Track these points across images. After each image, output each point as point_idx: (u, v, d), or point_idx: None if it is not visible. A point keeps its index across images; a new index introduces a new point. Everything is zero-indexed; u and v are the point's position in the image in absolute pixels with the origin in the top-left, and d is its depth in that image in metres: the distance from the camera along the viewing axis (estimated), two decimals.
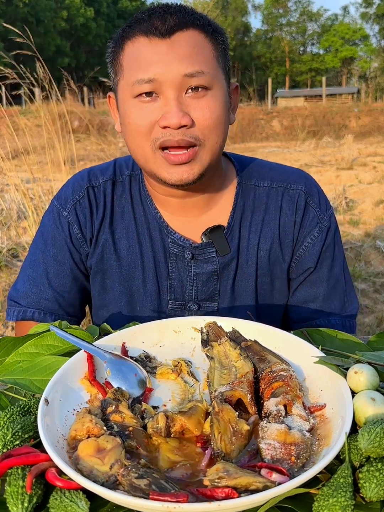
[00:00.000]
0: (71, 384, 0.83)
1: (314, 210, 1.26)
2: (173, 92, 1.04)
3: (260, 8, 60.60)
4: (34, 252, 1.30)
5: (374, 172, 9.24)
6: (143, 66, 1.04)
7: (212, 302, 1.26)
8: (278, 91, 40.77)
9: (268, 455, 0.66)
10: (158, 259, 1.24)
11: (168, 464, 0.68)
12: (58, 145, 4.07)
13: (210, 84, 1.06)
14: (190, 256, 1.22)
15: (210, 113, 1.06)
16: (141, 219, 1.25)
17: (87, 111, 14.58)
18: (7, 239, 5.20)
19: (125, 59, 1.08)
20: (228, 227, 1.23)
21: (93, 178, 1.28)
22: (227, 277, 1.25)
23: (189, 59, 1.03)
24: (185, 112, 1.04)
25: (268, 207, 1.25)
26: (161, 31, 1.03)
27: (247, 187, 1.26)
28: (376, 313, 3.82)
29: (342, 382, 0.76)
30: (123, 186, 1.27)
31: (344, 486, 0.60)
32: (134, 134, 1.09)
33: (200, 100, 1.05)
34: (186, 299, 1.25)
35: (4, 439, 0.70)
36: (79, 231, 1.25)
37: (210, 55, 1.07)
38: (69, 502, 0.60)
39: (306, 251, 1.27)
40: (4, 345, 1.01)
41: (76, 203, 1.26)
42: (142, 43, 1.05)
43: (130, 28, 1.08)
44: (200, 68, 1.04)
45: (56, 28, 40.71)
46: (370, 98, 22.23)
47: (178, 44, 1.03)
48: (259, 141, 15.97)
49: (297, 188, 1.26)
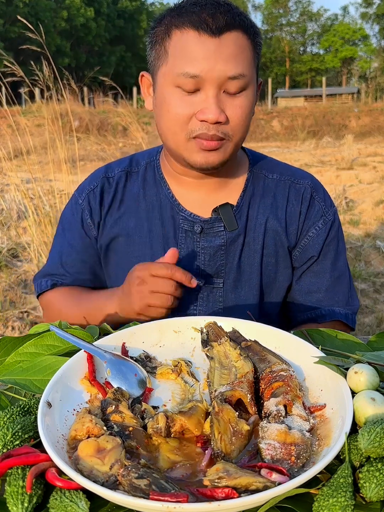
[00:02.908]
0: (71, 384, 0.83)
1: (319, 204, 1.33)
2: (213, 89, 1.10)
3: (260, 8, 60.65)
4: (54, 238, 1.45)
5: (374, 172, 9.24)
6: (190, 60, 1.09)
7: (218, 278, 1.30)
8: (278, 91, 40.80)
9: (268, 455, 0.66)
10: (167, 235, 1.30)
11: (168, 464, 0.68)
12: (60, 144, 4.07)
13: (247, 85, 1.14)
14: (200, 229, 1.28)
15: (242, 111, 1.14)
16: (152, 199, 1.33)
17: (87, 111, 14.59)
18: (7, 239, 5.20)
19: (171, 46, 1.12)
20: (238, 206, 1.30)
21: (109, 170, 1.38)
22: (233, 253, 1.29)
23: (233, 61, 1.09)
24: (222, 109, 1.11)
25: (276, 195, 1.32)
26: (212, 29, 1.07)
27: (258, 175, 1.34)
28: (376, 313, 3.82)
29: (342, 382, 0.76)
30: (137, 174, 1.36)
31: (344, 486, 0.60)
32: (172, 121, 1.16)
33: (235, 99, 1.13)
34: (193, 275, 1.28)
35: (4, 439, 0.70)
36: (89, 217, 1.35)
37: (250, 57, 1.14)
38: (69, 502, 0.60)
39: (310, 241, 1.32)
40: (4, 345, 1.01)
41: (90, 192, 1.36)
42: (192, 36, 1.09)
43: (180, 17, 1.11)
44: (242, 71, 1.10)
45: (56, 28, 40.70)
46: (370, 98, 22.23)
47: (226, 45, 1.08)
48: (259, 141, 15.96)
49: (303, 183, 1.33)
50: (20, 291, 4.21)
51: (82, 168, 4.69)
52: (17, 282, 4.38)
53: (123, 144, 12.12)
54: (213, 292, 1.30)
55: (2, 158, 4.23)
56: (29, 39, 3.81)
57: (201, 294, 1.30)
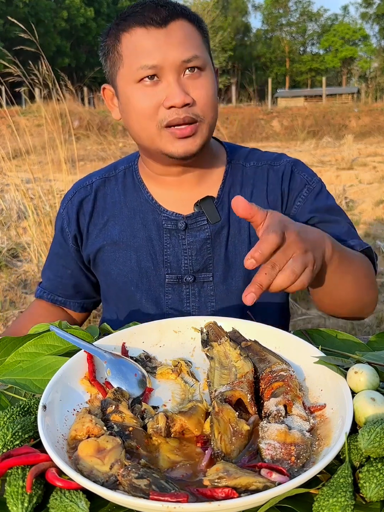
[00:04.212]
0: (71, 384, 0.83)
1: (300, 175, 1.31)
2: (173, 75, 1.14)
3: (260, 8, 60.66)
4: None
5: (374, 172, 9.24)
6: (145, 53, 1.14)
7: (207, 272, 1.30)
8: (278, 91, 40.78)
9: (268, 455, 0.66)
10: (151, 237, 1.31)
11: (168, 464, 0.68)
12: (60, 144, 4.07)
13: (203, 66, 1.17)
14: (184, 226, 1.28)
15: (206, 91, 1.17)
16: (133, 204, 1.33)
17: (87, 111, 14.59)
18: (7, 239, 5.20)
19: (123, 49, 1.17)
20: (218, 198, 1.30)
21: (88, 179, 1.41)
22: (219, 245, 1.29)
23: (184, 45, 1.14)
24: (186, 92, 1.14)
25: (256, 182, 1.32)
26: (157, 21, 1.13)
27: (236, 166, 1.34)
28: (376, 313, 3.82)
29: (342, 382, 0.76)
30: (116, 179, 1.37)
31: (344, 486, 0.60)
32: (139, 116, 1.17)
33: (196, 81, 1.16)
34: (182, 272, 1.30)
35: (4, 439, 0.70)
36: (67, 226, 1.38)
37: (199, 41, 1.18)
38: (69, 502, 0.60)
39: (298, 210, 1.29)
40: (4, 345, 1.01)
41: (69, 202, 1.39)
42: (140, 33, 1.15)
43: (125, 21, 1.17)
44: (195, 53, 1.15)
45: (56, 28, 40.72)
46: (370, 98, 22.22)
47: (173, 32, 1.14)
48: (259, 141, 15.96)
49: (281, 163, 1.33)
50: (20, 291, 4.21)
51: (81, 168, 4.69)
52: (17, 282, 4.38)
53: (123, 144, 12.12)
54: (204, 287, 1.30)
55: (2, 158, 4.23)
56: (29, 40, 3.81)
57: (192, 290, 1.30)
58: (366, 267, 1.21)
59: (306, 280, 0.86)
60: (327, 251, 0.97)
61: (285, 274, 0.83)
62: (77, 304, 1.46)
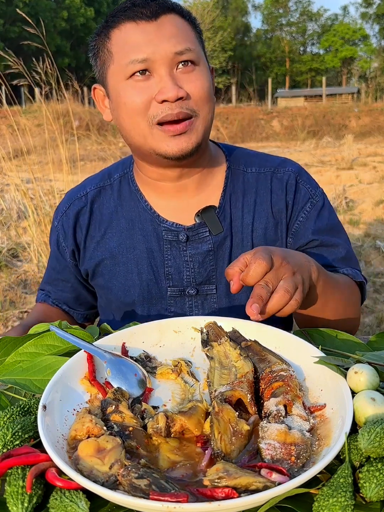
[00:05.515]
0: (71, 384, 0.83)
1: (305, 187, 1.29)
2: (165, 69, 1.09)
3: (260, 8, 60.60)
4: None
5: (374, 172, 9.24)
6: (135, 48, 1.09)
7: (210, 285, 1.27)
8: (278, 91, 40.74)
9: (268, 455, 0.66)
10: (152, 249, 1.26)
11: (168, 464, 0.68)
12: (61, 144, 4.07)
13: (197, 60, 1.13)
14: (185, 238, 1.24)
15: (201, 84, 1.12)
16: (131, 215, 1.28)
17: (87, 111, 14.58)
18: (7, 239, 5.20)
19: (113, 45, 1.13)
20: (220, 207, 1.26)
21: (82, 189, 1.34)
22: (222, 257, 1.26)
23: (176, 38, 1.09)
24: (179, 86, 1.09)
25: (259, 190, 1.28)
26: (147, 15, 1.10)
27: (236, 171, 1.30)
28: (376, 313, 3.82)
29: (342, 382, 0.76)
30: (111, 188, 1.31)
31: (344, 486, 0.60)
32: (131, 113, 1.12)
33: (190, 75, 1.11)
34: (185, 285, 1.26)
35: (4, 439, 0.70)
36: (63, 240, 1.33)
37: (192, 35, 1.14)
38: (69, 502, 0.60)
39: (300, 226, 1.27)
40: (4, 345, 1.01)
41: (63, 214, 1.33)
42: (130, 28, 1.11)
43: (115, 18, 1.13)
44: (187, 45, 1.10)
45: (56, 28, 40.71)
46: (370, 98, 22.22)
47: (165, 26, 1.10)
48: (259, 141, 15.97)
49: (285, 171, 1.29)
50: (20, 291, 4.21)
51: (82, 168, 4.69)
52: (17, 282, 4.38)
53: (123, 144, 12.11)
54: (207, 300, 1.27)
55: (2, 158, 4.23)
56: (30, 39, 3.81)
57: (196, 303, 1.27)
58: (350, 296, 1.19)
59: (299, 299, 0.89)
60: (313, 273, 0.99)
61: (280, 293, 0.86)
62: (80, 314, 1.45)
